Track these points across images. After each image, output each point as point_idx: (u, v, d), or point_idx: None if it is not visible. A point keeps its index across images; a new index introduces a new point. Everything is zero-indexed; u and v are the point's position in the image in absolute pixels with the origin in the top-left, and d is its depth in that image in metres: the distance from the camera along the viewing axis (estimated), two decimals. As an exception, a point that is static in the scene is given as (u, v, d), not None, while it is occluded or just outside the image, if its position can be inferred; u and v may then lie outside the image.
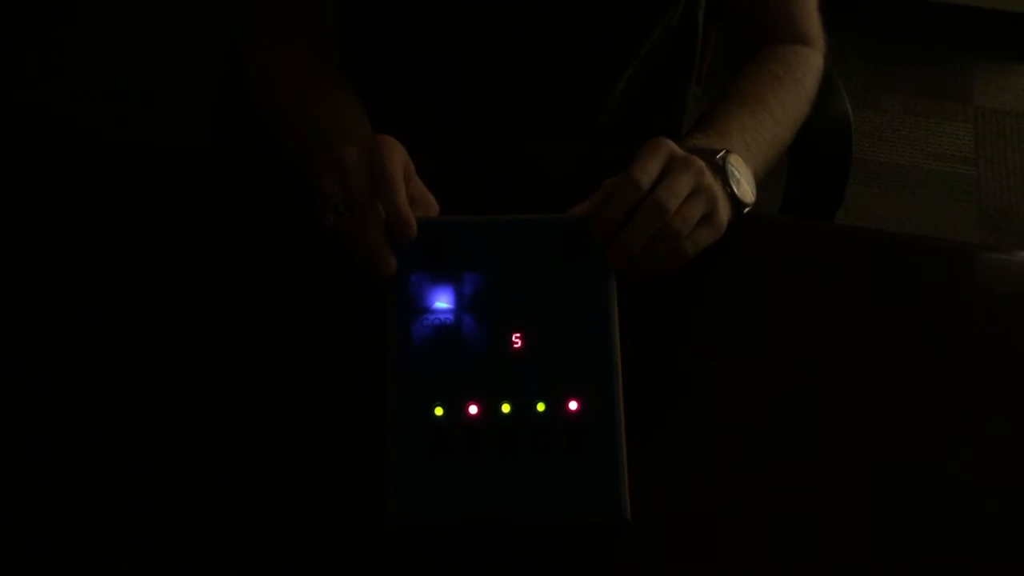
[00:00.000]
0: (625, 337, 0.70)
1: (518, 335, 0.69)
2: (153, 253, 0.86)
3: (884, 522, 0.71)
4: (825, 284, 0.86)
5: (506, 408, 0.68)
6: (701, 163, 0.76)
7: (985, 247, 1.91)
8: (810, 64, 1.00)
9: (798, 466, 0.74)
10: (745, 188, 0.81)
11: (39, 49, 2.33)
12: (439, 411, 0.68)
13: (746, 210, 0.81)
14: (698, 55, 1.10)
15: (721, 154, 0.80)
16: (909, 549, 0.70)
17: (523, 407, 0.68)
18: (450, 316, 0.70)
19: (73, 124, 2.06)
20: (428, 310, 0.70)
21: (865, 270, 0.88)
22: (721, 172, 0.79)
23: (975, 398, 0.79)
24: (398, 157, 0.73)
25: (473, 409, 0.68)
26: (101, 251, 0.86)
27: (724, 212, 0.78)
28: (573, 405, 0.68)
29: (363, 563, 0.68)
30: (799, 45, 1.01)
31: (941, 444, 0.76)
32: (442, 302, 0.70)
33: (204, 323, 0.80)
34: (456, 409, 0.68)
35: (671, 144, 0.76)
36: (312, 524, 0.69)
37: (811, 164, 1.13)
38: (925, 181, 2.20)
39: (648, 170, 0.73)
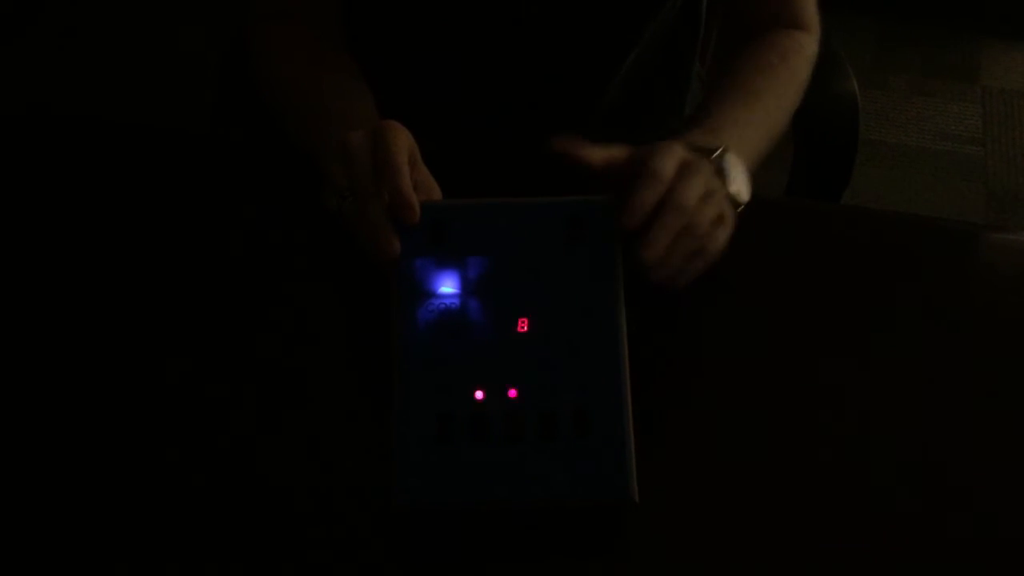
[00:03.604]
0: (630, 319, 0.69)
1: (524, 319, 0.69)
2: (154, 236, 0.85)
3: (883, 504, 0.71)
4: (831, 265, 0.86)
5: (512, 393, 0.68)
6: (710, 166, 0.77)
7: (993, 227, 1.91)
8: (804, 51, 0.99)
9: (800, 450, 0.74)
10: (741, 186, 0.81)
11: (36, 35, 2.33)
12: (445, 396, 0.68)
13: (740, 209, 0.81)
14: (702, 33, 1.09)
15: (718, 152, 0.79)
16: (910, 535, 0.70)
17: (529, 391, 0.68)
18: (455, 300, 0.69)
19: (73, 107, 2.06)
20: (433, 294, 0.69)
21: (872, 251, 0.88)
22: (720, 172, 0.79)
23: (982, 378, 0.79)
24: (403, 142, 0.73)
25: (479, 394, 0.68)
26: (100, 234, 0.85)
27: (730, 212, 0.78)
28: (580, 389, 0.68)
29: (370, 549, 0.68)
30: (794, 30, 1.00)
31: (944, 428, 0.75)
32: (447, 286, 0.70)
33: (207, 308, 0.80)
34: (462, 394, 0.68)
35: (681, 146, 0.76)
36: (319, 511, 0.69)
37: (818, 145, 1.12)
38: (932, 161, 2.19)
39: (666, 165, 0.74)
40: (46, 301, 0.81)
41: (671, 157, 0.75)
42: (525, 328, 0.69)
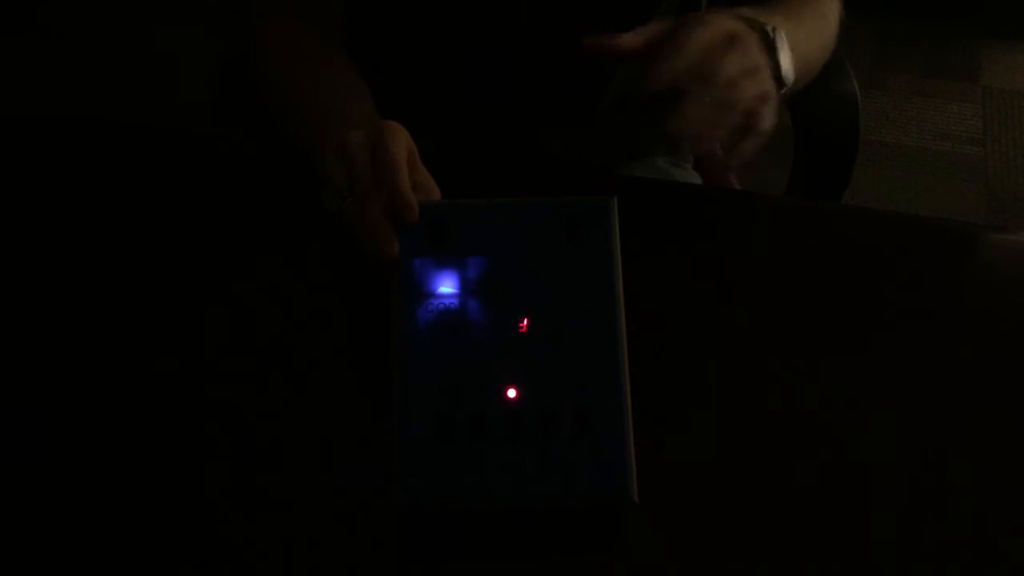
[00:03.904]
0: (630, 318, 0.69)
1: (523, 318, 0.69)
2: (153, 236, 0.85)
3: (883, 504, 0.71)
4: (832, 265, 0.86)
5: (512, 392, 0.68)
6: (757, 39, 0.74)
7: (993, 227, 1.91)
8: (832, 7, 0.99)
9: (800, 450, 0.74)
10: (788, 64, 0.77)
11: (36, 35, 2.32)
12: (444, 396, 0.68)
13: (784, 90, 0.77)
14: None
15: (771, 27, 0.77)
16: (910, 535, 0.70)
17: (529, 391, 0.68)
18: (454, 300, 0.69)
19: (73, 107, 2.06)
20: (432, 295, 0.69)
21: (872, 251, 0.88)
22: (770, 45, 0.76)
23: (982, 378, 0.79)
24: (402, 142, 0.73)
25: (479, 393, 0.68)
26: (100, 234, 0.85)
27: (775, 91, 0.75)
28: (579, 388, 0.68)
29: (370, 549, 0.68)
30: None
31: (944, 428, 0.75)
32: (446, 286, 0.70)
33: (206, 307, 0.80)
34: (462, 394, 0.68)
35: (726, 17, 0.73)
36: (319, 511, 0.69)
37: (818, 145, 1.12)
38: (932, 162, 2.19)
39: (695, 36, 0.71)
40: (46, 300, 0.81)
41: (708, 28, 0.71)
42: (524, 328, 0.69)
